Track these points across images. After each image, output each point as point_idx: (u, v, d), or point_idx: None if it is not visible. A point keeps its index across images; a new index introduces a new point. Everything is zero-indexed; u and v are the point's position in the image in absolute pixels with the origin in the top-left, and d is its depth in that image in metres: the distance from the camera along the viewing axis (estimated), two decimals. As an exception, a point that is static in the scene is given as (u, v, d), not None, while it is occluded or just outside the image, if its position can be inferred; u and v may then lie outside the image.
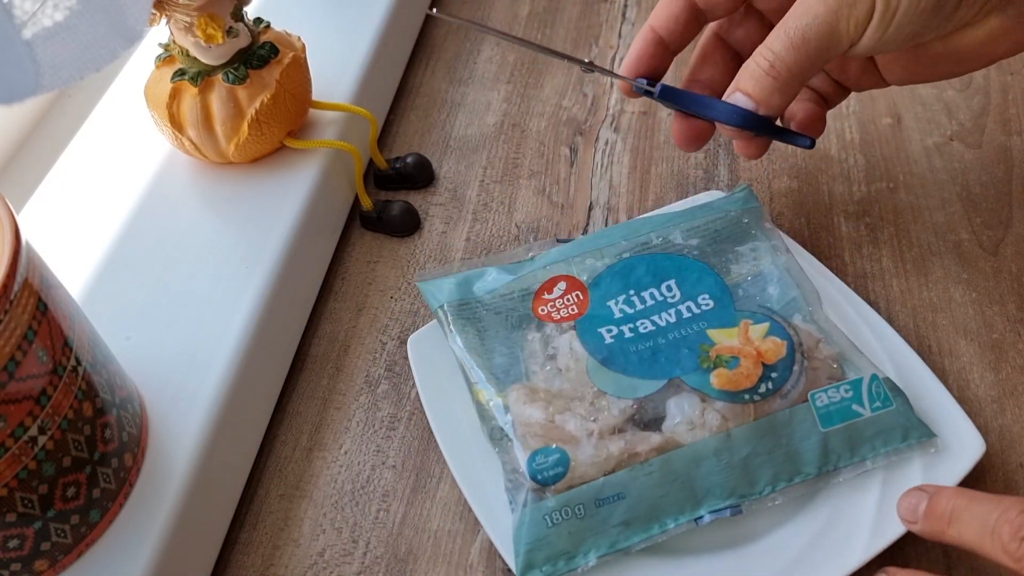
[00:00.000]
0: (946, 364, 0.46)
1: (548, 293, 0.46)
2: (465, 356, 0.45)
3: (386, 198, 0.57)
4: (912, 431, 0.41)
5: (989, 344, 0.47)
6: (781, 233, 0.49)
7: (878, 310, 0.48)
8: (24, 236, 0.34)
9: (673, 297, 0.45)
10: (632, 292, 0.46)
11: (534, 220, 0.56)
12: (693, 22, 0.47)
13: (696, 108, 0.47)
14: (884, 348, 0.45)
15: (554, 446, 0.40)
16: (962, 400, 0.44)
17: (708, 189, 0.56)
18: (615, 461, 0.40)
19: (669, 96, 0.47)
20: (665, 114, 0.61)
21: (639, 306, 0.45)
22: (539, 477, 0.40)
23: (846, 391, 0.41)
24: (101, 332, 0.40)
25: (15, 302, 0.32)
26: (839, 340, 0.43)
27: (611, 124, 0.61)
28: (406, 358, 0.50)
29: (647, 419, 0.41)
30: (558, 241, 0.51)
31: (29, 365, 0.33)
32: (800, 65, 0.41)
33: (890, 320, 0.48)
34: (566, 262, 0.48)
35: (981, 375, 0.46)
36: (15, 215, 0.34)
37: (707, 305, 0.45)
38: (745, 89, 0.42)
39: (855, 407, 0.41)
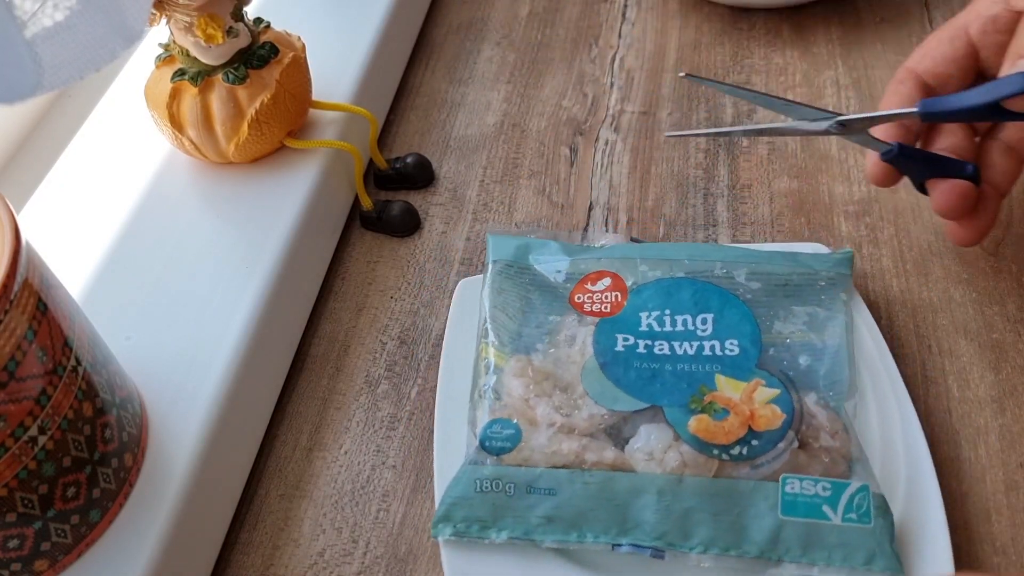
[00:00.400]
0: (946, 364, 0.46)
1: (591, 284, 0.47)
2: (489, 312, 0.46)
3: (386, 198, 0.57)
4: (879, 559, 0.37)
5: (989, 344, 0.47)
6: (864, 310, 0.46)
7: (878, 313, 0.48)
8: (24, 236, 0.34)
9: (704, 332, 0.44)
10: (668, 312, 0.45)
11: (534, 220, 0.56)
12: (972, 68, 0.42)
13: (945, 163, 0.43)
14: (906, 456, 0.41)
15: (514, 421, 0.41)
16: (962, 400, 0.44)
17: (708, 190, 0.56)
18: (562, 459, 0.40)
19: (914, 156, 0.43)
20: (665, 113, 0.61)
21: (667, 327, 0.44)
22: (487, 444, 0.41)
23: (823, 489, 0.38)
24: (101, 332, 0.40)
25: (15, 302, 0.32)
26: (851, 440, 0.40)
27: (611, 124, 0.61)
28: (406, 358, 0.50)
29: (616, 434, 0.41)
30: (632, 240, 0.51)
31: (29, 365, 0.33)
32: None
33: (891, 322, 0.48)
34: (623, 260, 0.47)
35: (981, 375, 0.46)
36: (15, 215, 0.34)
37: (732, 352, 0.43)
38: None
39: (825, 508, 0.38)
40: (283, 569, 0.43)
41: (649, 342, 0.44)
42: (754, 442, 0.40)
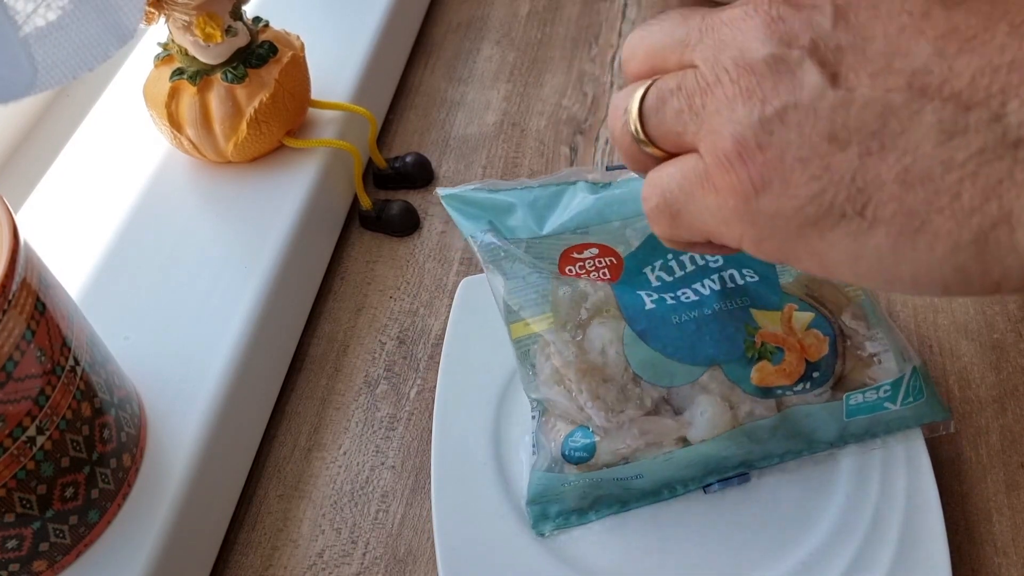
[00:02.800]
0: (947, 364, 0.46)
1: (577, 254, 0.42)
2: (506, 292, 0.41)
3: (385, 197, 0.57)
4: (930, 415, 0.40)
5: (990, 344, 0.47)
6: None
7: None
8: (22, 236, 0.33)
9: (715, 262, 0.41)
10: (670, 257, 0.41)
11: (534, 220, 0.56)
12: None
13: None
14: (907, 456, 0.40)
15: (588, 430, 0.39)
16: (963, 400, 0.44)
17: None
18: (639, 452, 0.39)
19: None
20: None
21: (678, 272, 0.41)
22: (567, 454, 0.39)
23: (884, 392, 0.40)
24: (99, 332, 0.40)
25: (13, 302, 0.32)
26: (889, 331, 0.41)
27: (611, 123, 0.61)
28: (405, 358, 0.50)
29: (673, 406, 0.39)
30: (608, 169, 0.44)
31: (27, 365, 0.33)
32: None
33: (892, 322, 0.48)
34: (602, 227, 0.43)
35: (982, 375, 0.45)
36: (13, 215, 0.34)
37: (752, 278, 0.40)
38: None
39: (887, 404, 0.40)
40: (282, 570, 0.42)
41: (672, 294, 0.40)
42: (815, 374, 0.39)
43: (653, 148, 0.28)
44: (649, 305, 0.40)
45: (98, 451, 0.37)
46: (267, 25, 0.53)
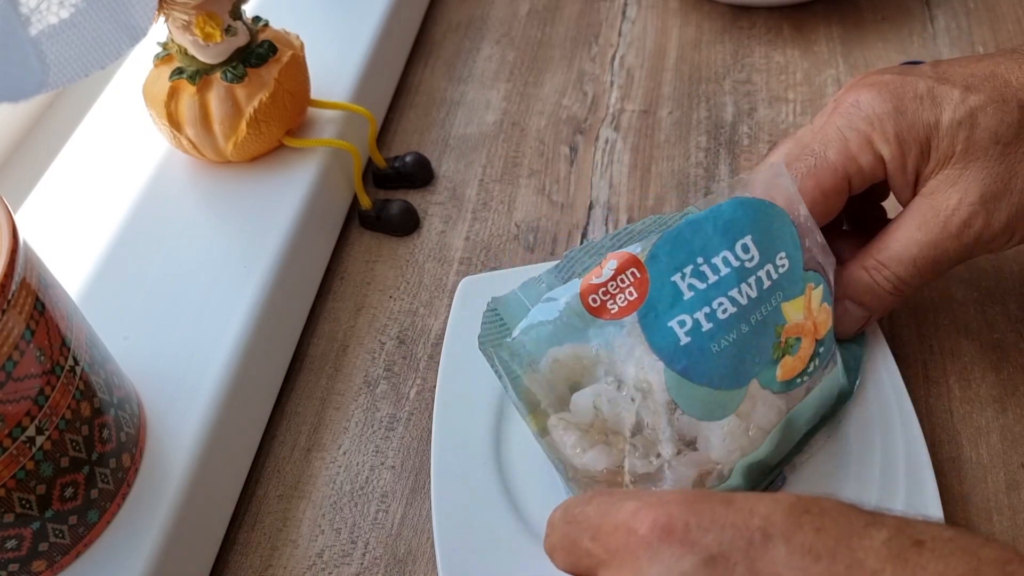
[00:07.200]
0: (947, 364, 0.46)
1: (597, 277, 0.36)
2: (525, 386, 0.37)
3: (385, 197, 0.57)
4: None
5: (991, 344, 0.47)
6: None
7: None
8: (22, 235, 0.33)
9: (751, 260, 0.36)
10: (701, 260, 0.36)
11: (534, 219, 0.55)
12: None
13: None
14: (906, 456, 0.40)
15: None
16: (963, 400, 0.44)
17: (709, 189, 0.56)
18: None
19: None
20: (666, 112, 0.61)
21: (711, 277, 0.36)
22: None
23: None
24: (99, 332, 0.40)
25: (12, 302, 0.32)
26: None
27: (611, 123, 0.61)
28: (405, 358, 0.50)
29: (684, 440, 0.37)
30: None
31: (27, 365, 0.33)
32: (923, 282, 0.40)
33: (892, 322, 0.48)
34: (614, 240, 0.38)
35: (983, 375, 0.45)
36: (13, 214, 0.34)
37: (783, 267, 0.37)
38: (862, 301, 0.41)
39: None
40: (281, 570, 0.42)
41: (708, 309, 0.35)
42: (821, 349, 0.39)
43: None
44: (684, 340, 0.35)
45: (97, 451, 0.37)
46: (267, 24, 0.53)
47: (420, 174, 0.58)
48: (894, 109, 0.38)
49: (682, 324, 0.35)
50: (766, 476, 0.39)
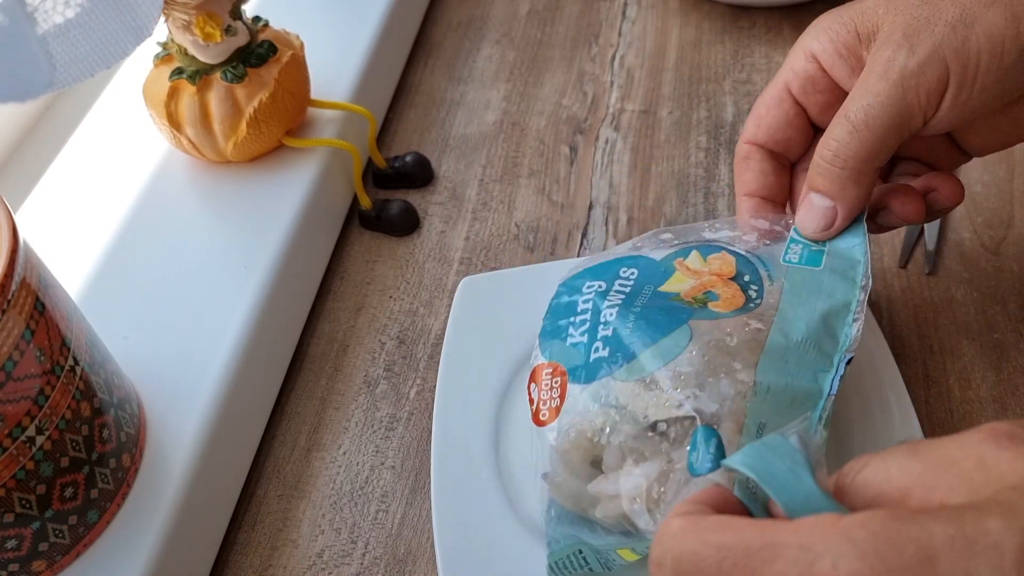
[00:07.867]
0: (947, 364, 0.46)
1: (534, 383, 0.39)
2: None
3: (385, 197, 0.57)
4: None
5: (991, 344, 0.47)
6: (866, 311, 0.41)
7: (880, 312, 0.48)
8: (22, 235, 0.33)
9: (601, 287, 0.40)
10: (573, 316, 0.39)
11: (534, 219, 0.55)
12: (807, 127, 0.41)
13: None
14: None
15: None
16: (963, 400, 0.44)
17: (708, 189, 0.56)
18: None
19: None
20: (666, 112, 0.61)
21: (584, 312, 0.39)
22: None
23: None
24: (99, 332, 0.40)
25: (12, 302, 0.32)
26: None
27: (611, 123, 0.61)
28: (405, 358, 0.50)
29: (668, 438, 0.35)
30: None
31: (27, 365, 0.33)
32: (868, 150, 0.37)
33: (893, 322, 0.48)
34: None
35: (983, 375, 0.45)
36: (13, 214, 0.34)
37: (632, 274, 0.40)
38: (816, 186, 0.39)
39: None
40: (281, 570, 0.42)
41: (600, 319, 0.38)
42: (746, 278, 0.38)
43: None
44: (603, 351, 0.37)
45: (97, 451, 0.37)
46: (267, 24, 0.53)
47: (420, 174, 0.58)
48: (824, 27, 0.41)
49: (596, 350, 0.37)
50: (802, 406, 0.35)
